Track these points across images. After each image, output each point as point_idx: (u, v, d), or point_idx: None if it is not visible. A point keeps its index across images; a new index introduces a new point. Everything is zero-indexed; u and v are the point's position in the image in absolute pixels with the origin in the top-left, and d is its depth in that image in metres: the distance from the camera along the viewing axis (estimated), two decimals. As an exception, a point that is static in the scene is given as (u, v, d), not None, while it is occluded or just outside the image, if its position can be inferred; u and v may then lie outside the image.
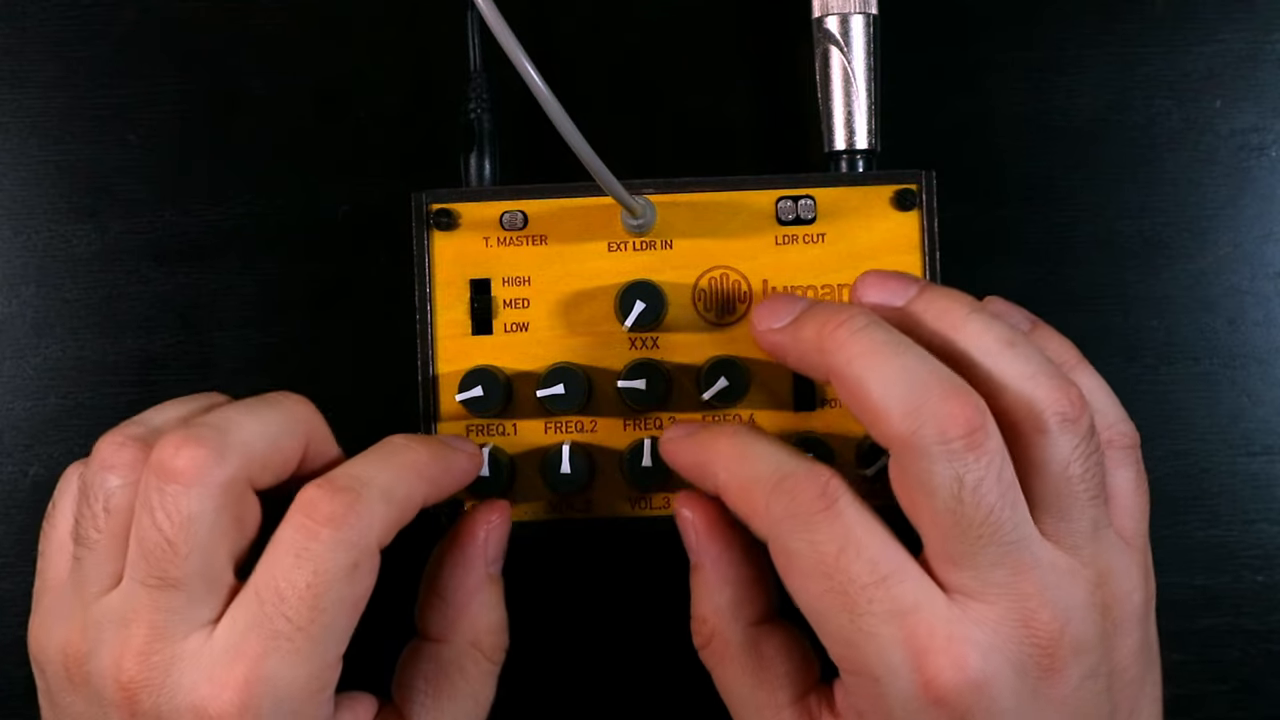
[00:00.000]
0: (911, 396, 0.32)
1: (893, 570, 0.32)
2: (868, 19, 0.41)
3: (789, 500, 0.32)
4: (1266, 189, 0.43)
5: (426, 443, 0.36)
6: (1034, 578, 0.32)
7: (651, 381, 0.39)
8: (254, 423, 0.34)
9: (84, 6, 0.44)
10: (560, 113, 0.35)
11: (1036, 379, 0.33)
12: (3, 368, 0.44)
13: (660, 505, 0.40)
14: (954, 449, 0.31)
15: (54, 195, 0.44)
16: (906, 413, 0.32)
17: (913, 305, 0.35)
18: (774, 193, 0.40)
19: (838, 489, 0.32)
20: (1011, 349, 0.34)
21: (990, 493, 0.31)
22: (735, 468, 0.34)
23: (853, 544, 0.32)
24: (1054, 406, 0.33)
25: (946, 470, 0.31)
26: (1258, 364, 0.43)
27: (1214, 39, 0.43)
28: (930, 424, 0.31)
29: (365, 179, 0.43)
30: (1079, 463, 0.33)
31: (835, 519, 0.32)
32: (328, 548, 0.32)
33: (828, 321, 0.34)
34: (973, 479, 0.31)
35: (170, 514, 0.32)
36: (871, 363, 0.32)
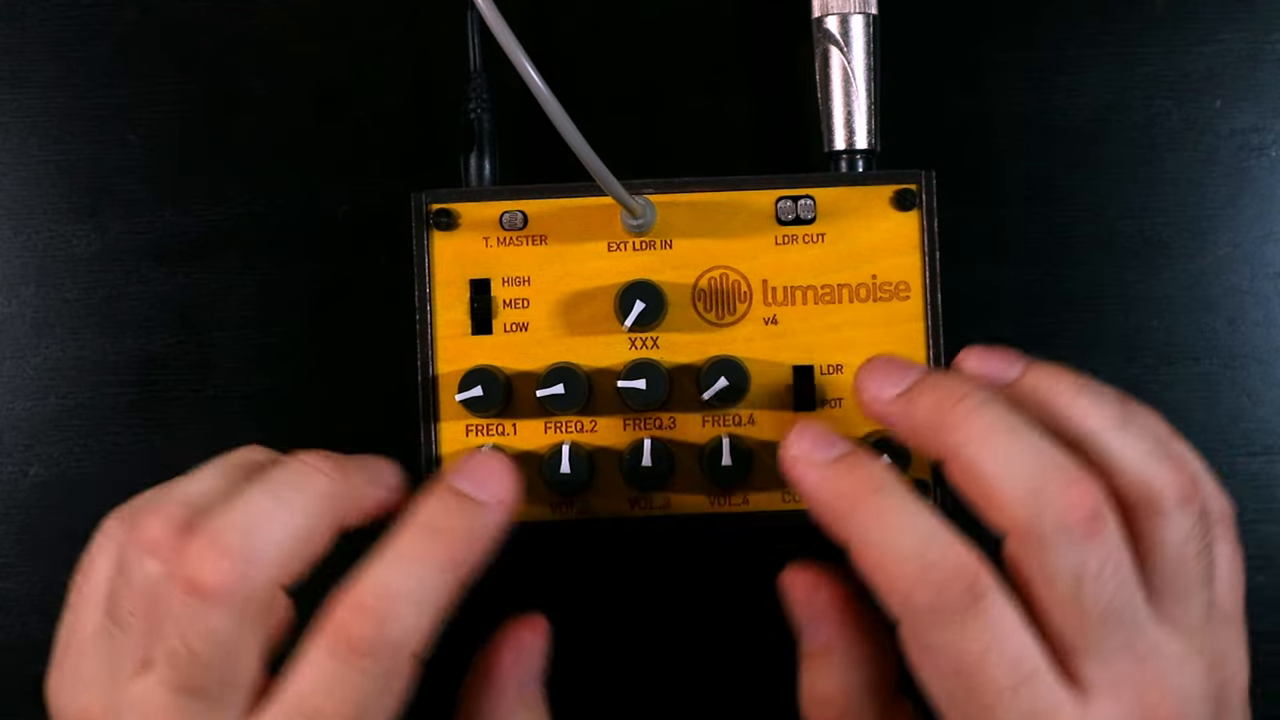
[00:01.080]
0: (1031, 482, 0.31)
1: (1031, 673, 0.31)
2: (868, 19, 0.41)
3: (935, 593, 0.31)
4: (1266, 189, 0.43)
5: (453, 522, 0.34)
6: (1154, 667, 0.31)
7: (651, 381, 0.39)
8: (283, 517, 0.32)
9: (84, 6, 0.44)
10: (560, 113, 0.35)
11: (1151, 459, 0.32)
12: (3, 368, 0.44)
13: (660, 505, 0.40)
14: (1074, 537, 0.30)
15: (54, 195, 0.44)
16: (1026, 499, 0.31)
17: (1019, 382, 0.34)
18: (774, 193, 0.40)
19: (985, 583, 0.31)
20: (1123, 428, 0.33)
21: (1110, 581, 0.31)
22: (877, 535, 0.32)
23: (995, 645, 0.31)
24: (1170, 488, 0.32)
25: (1068, 558, 0.31)
26: (1258, 364, 0.43)
27: (1214, 39, 0.43)
28: (1050, 510, 0.31)
29: (365, 179, 0.43)
30: (1194, 544, 0.32)
31: (980, 616, 0.31)
32: (365, 675, 0.31)
33: (945, 398, 0.32)
34: (1094, 567, 0.31)
35: (195, 627, 0.31)
36: (990, 444, 0.31)
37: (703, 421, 0.40)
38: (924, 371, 0.34)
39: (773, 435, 0.40)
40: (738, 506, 0.40)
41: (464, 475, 0.34)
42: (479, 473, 0.34)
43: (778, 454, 0.34)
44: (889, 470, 0.33)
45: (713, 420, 0.40)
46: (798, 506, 0.40)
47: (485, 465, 0.34)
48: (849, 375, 0.40)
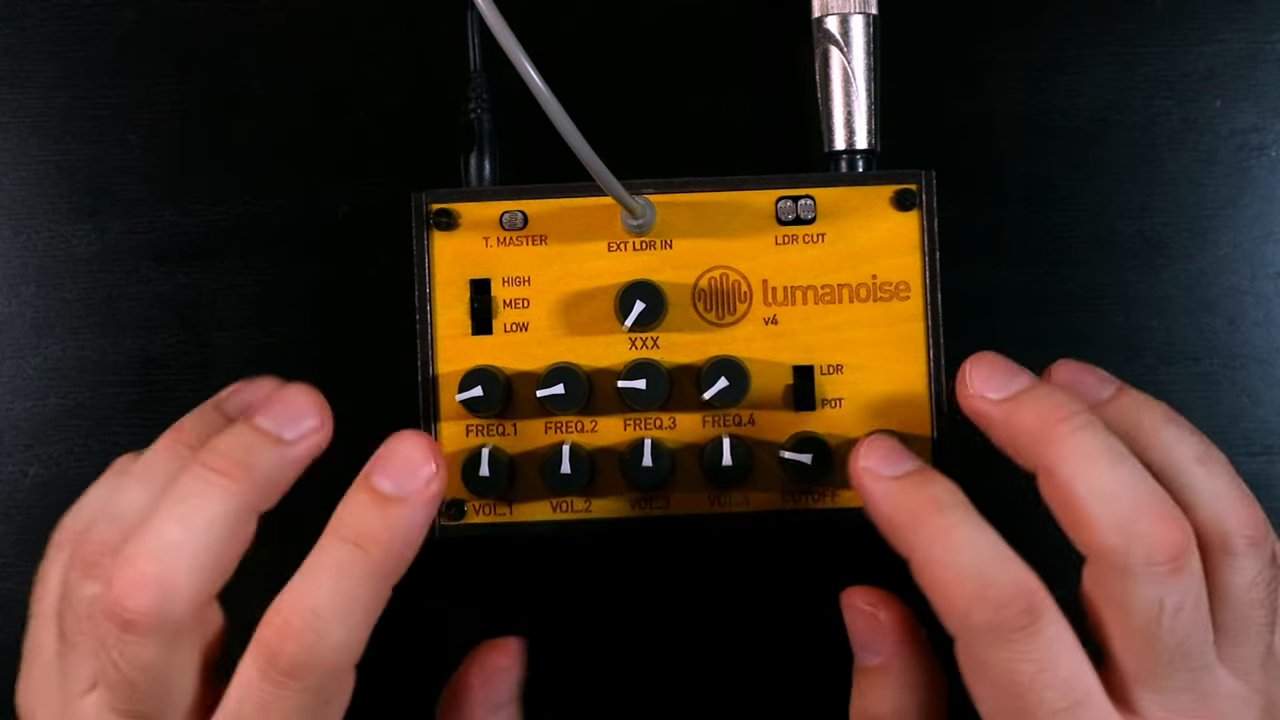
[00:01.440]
0: (1124, 512, 0.31)
1: (1084, 697, 0.31)
2: (868, 19, 0.41)
3: (992, 612, 0.31)
4: (1266, 189, 0.43)
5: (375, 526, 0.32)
6: (1213, 706, 0.32)
7: (651, 381, 0.39)
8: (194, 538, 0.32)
9: (84, 6, 0.44)
10: (560, 113, 0.35)
11: (1227, 499, 0.33)
12: (3, 368, 0.44)
13: (660, 505, 0.40)
14: (1159, 572, 0.31)
15: (54, 195, 0.44)
16: (1117, 528, 0.31)
17: (1109, 405, 0.35)
18: (774, 193, 0.40)
19: (1043, 604, 0.31)
20: (1204, 466, 0.33)
21: (1188, 620, 0.31)
22: (939, 552, 0.32)
23: (1050, 667, 0.31)
24: (1243, 530, 0.32)
25: (1150, 593, 0.31)
26: (1258, 364, 0.43)
27: (1214, 39, 0.43)
28: (1140, 544, 0.31)
29: (365, 179, 0.43)
30: (1261, 588, 0.33)
31: (1036, 637, 0.31)
32: (297, 695, 0.31)
33: (1050, 414, 0.33)
34: (1173, 604, 0.31)
35: (128, 657, 0.31)
36: (1088, 468, 0.32)
37: (703, 421, 0.40)
38: (1032, 380, 0.34)
39: (773, 435, 0.40)
40: (738, 506, 0.40)
41: (382, 471, 0.33)
42: (396, 466, 0.33)
43: (848, 463, 0.35)
44: (954, 490, 0.33)
45: (713, 420, 0.40)
46: (798, 506, 0.40)
47: (402, 456, 0.33)
48: (849, 375, 0.40)
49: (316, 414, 0.34)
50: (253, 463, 0.33)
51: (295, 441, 0.33)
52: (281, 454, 0.33)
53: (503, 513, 0.40)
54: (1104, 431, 0.33)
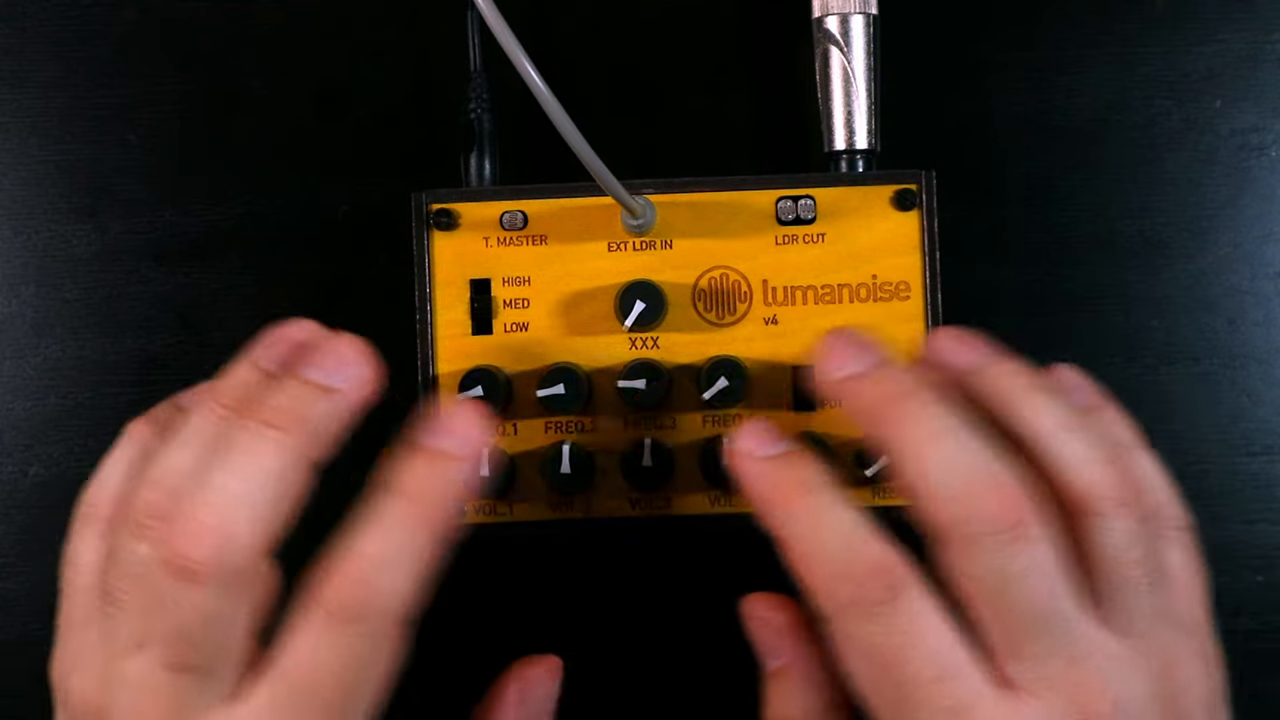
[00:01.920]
0: (958, 486, 0.31)
1: (951, 667, 0.31)
2: (868, 19, 0.41)
3: (854, 587, 0.32)
4: (1266, 189, 0.43)
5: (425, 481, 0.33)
6: (1091, 668, 0.31)
7: (651, 381, 0.39)
8: (252, 490, 0.32)
9: (84, 6, 0.44)
10: (560, 113, 0.35)
11: (1091, 463, 0.33)
12: (3, 368, 0.44)
13: (660, 505, 0.40)
14: (998, 541, 0.31)
15: (54, 195, 0.44)
16: (950, 501, 0.31)
17: (979, 375, 0.35)
18: (774, 193, 0.40)
19: (904, 579, 0.32)
20: (1068, 431, 0.33)
21: (1037, 585, 0.31)
22: (803, 531, 0.33)
23: (914, 638, 0.31)
24: (1106, 490, 0.32)
25: (992, 562, 0.31)
26: (1258, 364, 0.43)
27: (1214, 39, 0.43)
28: (974, 515, 0.31)
29: (365, 179, 0.43)
30: (1136, 547, 0.32)
31: (900, 612, 0.31)
32: (354, 641, 0.32)
33: (890, 392, 0.33)
34: (1018, 571, 0.31)
35: (185, 607, 0.32)
36: (924, 444, 0.32)
37: (703, 421, 0.40)
38: (878, 358, 0.34)
39: (773, 435, 0.40)
40: (737, 506, 0.40)
41: (435, 431, 0.34)
42: (449, 427, 0.34)
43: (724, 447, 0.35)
44: (822, 471, 0.34)
45: (713, 420, 0.40)
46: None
47: (456, 419, 0.34)
48: (849, 375, 0.40)
49: (365, 362, 0.35)
50: (306, 415, 0.33)
51: (346, 391, 0.34)
52: (333, 404, 0.34)
53: (503, 513, 0.40)
54: (941, 407, 0.33)
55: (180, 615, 0.32)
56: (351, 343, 0.35)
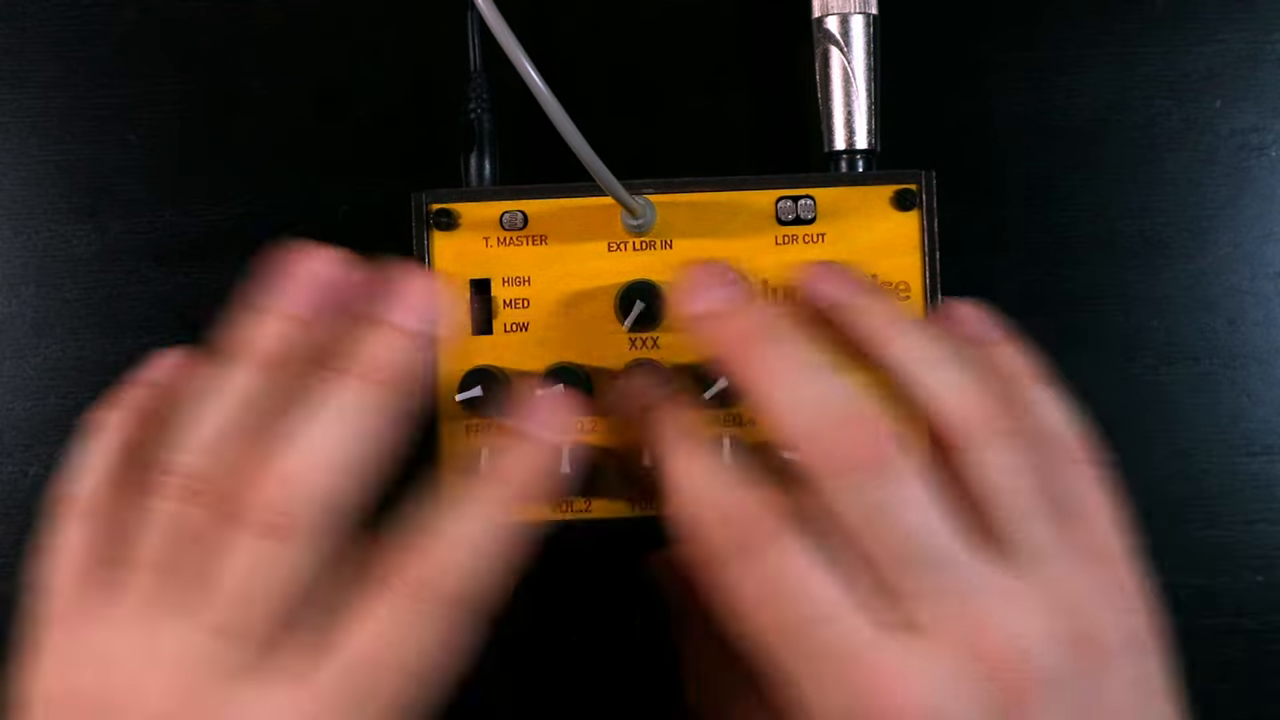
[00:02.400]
0: (812, 424, 0.31)
1: (834, 608, 0.30)
2: (868, 19, 0.41)
3: (734, 530, 0.31)
4: (1266, 189, 0.43)
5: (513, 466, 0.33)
6: (983, 606, 0.30)
7: (651, 381, 0.39)
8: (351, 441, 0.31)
9: (84, 6, 0.44)
10: (560, 113, 0.35)
11: (966, 392, 0.32)
12: (3, 368, 0.44)
13: (660, 505, 0.40)
14: (861, 477, 0.30)
15: (54, 195, 0.44)
16: (807, 439, 0.31)
17: (854, 307, 0.34)
18: (774, 193, 0.40)
19: (781, 520, 0.31)
20: (942, 363, 0.33)
21: (911, 518, 0.30)
22: (683, 479, 0.33)
23: (794, 579, 0.30)
24: (983, 419, 0.32)
25: (857, 498, 0.30)
26: (1258, 364, 0.43)
27: (1214, 39, 0.43)
28: (831, 452, 0.31)
29: (365, 179, 0.43)
30: (1023, 478, 0.31)
31: (780, 554, 0.31)
32: (420, 620, 0.31)
33: (751, 329, 0.33)
34: (886, 504, 0.30)
35: (268, 568, 0.30)
36: (780, 382, 0.32)
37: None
38: (734, 295, 0.34)
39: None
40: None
41: (528, 417, 0.34)
42: (542, 413, 0.34)
43: None
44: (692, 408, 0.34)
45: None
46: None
47: (546, 405, 0.34)
48: (849, 375, 0.40)
49: (440, 299, 0.34)
50: (397, 363, 0.32)
51: (428, 334, 0.34)
52: (418, 350, 0.33)
53: (503, 513, 0.40)
54: (799, 345, 0.32)
55: (236, 573, 0.30)
56: (425, 280, 0.34)
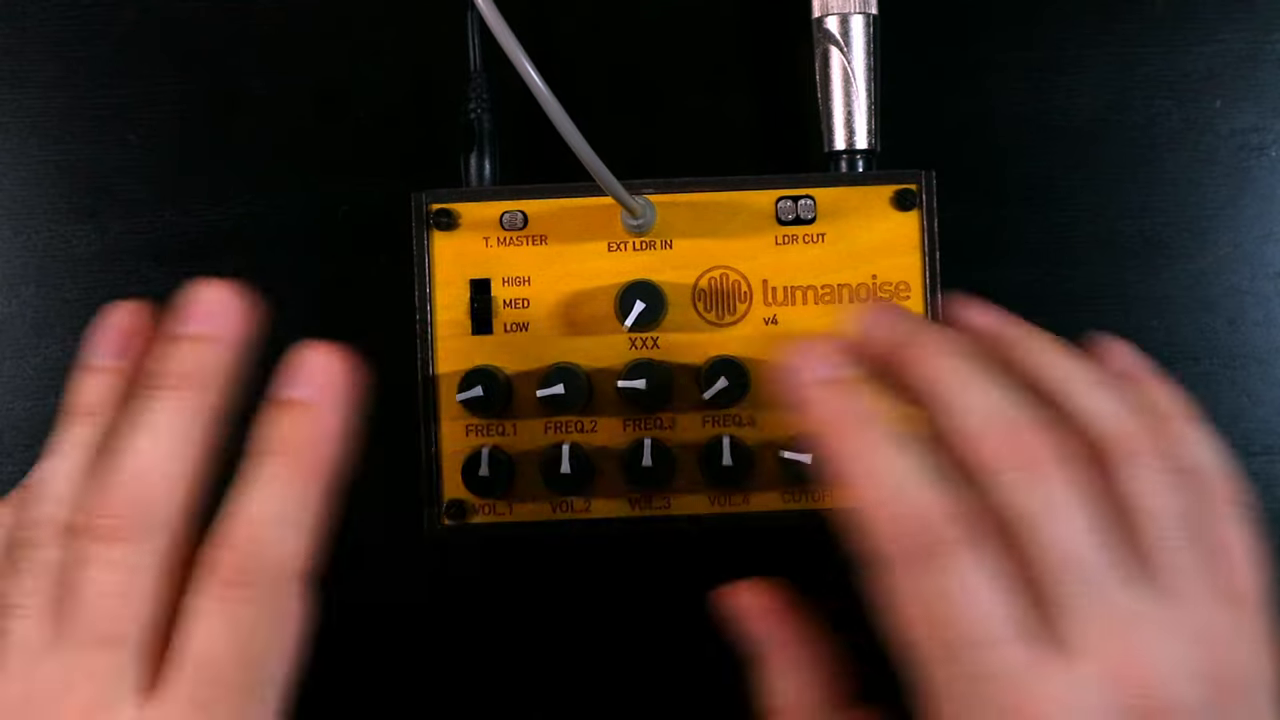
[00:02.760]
0: (986, 422, 0.31)
1: (996, 631, 0.30)
2: (868, 19, 0.41)
3: (909, 538, 0.31)
4: (1266, 189, 0.43)
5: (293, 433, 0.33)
6: (1130, 631, 0.30)
7: (651, 381, 0.39)
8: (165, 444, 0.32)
9: (84, 6, 0.44)
10: (560, 113, 0.35)
11: (1123, 416, 0.32)
12: (3, 368, 0.44)
13: (660, 506, 0.40)
14: (1018, 478, 0.31)
15: (54, 195, 0.44)
16: (981, 435, 0.31)
17: (1010, 338, 0.35)
18: (774, 193, 0.40)
19: (960, 530, 0.30)
20: (1101, 387, 0.33)
21: (1065, 527, 0.30)
22: (859, 475, 0.32)
23: (968, 597, 0.30)
24: (1137, 439, 0.32)
25: (1014, 498, 0.30)
26: (1258, 364, 0.43)
27: (1214, 39, 0.43)
28: (996, 451, 0.31)
29: (365, 179, 0.43)
30: (1173, 501, 0.31)
31: (954, 566, 0.30)
32: (244, 605, 0.31)
33: (918, 336, 0.33)
34: (1041, 508, 0.30)
35: (112, 570, 0.31)
36: (956, 387, 0.32)
37: (703, 421, 0.40)
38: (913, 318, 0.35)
39: (773, 435, 0.40)
40: (738, 506, 0.40)
41: (292, 382, 0.34)
42: (305, 375, 0.34)
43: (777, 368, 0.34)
44: (880, 406, 0.32)
45: (713, 420, 0.40)
46: (798, 506, 0.40)
47: (310, 365, 0.34)
48: (849, 375, 0.40)
49: (230, 298, 0.35)
50: (190, 368, 0.34)
51: (220, 333, 0.34)
52: (213, 350, 0.34)
53: (503, 513, 0.40)
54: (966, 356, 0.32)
55: (99, 580, 0.31)
56: (211, 288, 0.35)
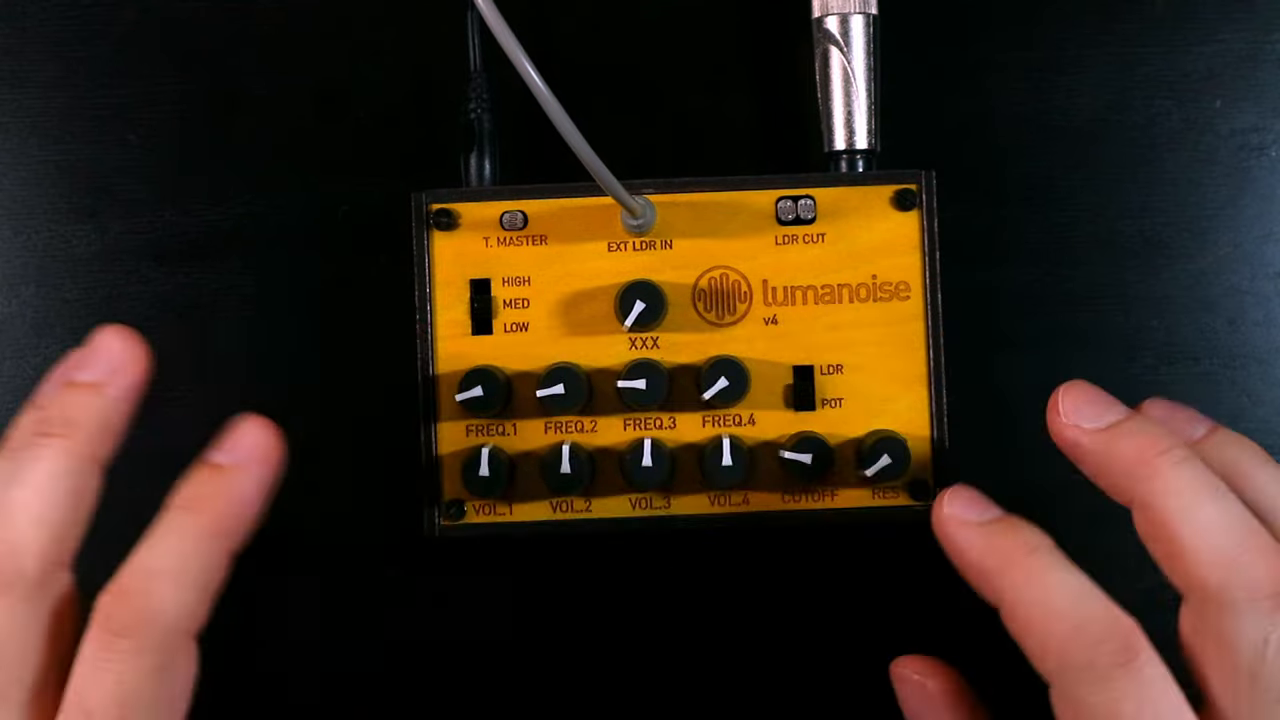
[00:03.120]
0: (1226, 547, 0.31)
1: None
2: (868, 19, 0.41)
3: (1089, 650, 0.31)
4: (1266, 189, 0.43)
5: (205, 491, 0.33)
6: None
7: (651, 381, 0.39)
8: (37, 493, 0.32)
9: (84, 6, 0.44)
10: (560, 113, 0.35)
11: None
12: (3, 368, 0.44)
13: (660, 506, 0.40)
14: (1264, 608, 0.31)
15: (54, 195, 0.44)
16: (1218, 563, 0.31)
17: (1204, 443, 0.35)
18: (774, 193, 0.40)
19: (1140, 643, 0.31)
20: None
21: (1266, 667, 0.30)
22: (1030, 594, 0.32)
23: (1150, 705, 0.30)
24: None
25: (1253, 629, 0.31)
26: (1258, 364, 0.43)
27: (1214, 39, 0.43)
28: (1242, 578, 0.31)
29: (365, 179, 0.43)
30: None
31: (1135, 676, 0.30)
32: (129, 657, 0.31)
33: (1149, 446, 0.33)
34: (1277, 640, 0.30)
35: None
36: (1188, 502, 0.32)
37: (703, 421, 0.40)
38: (1128, 412, 0.34)
39: (773, 435, 0.40)
40: (738, 506, 0.40)
41: (215, 447, 0.34)
42: (232, 442, 0.34)
43: (931, 513, 0.35)
44: (1042, 534, 0.33)
45: (713, 420, 0.40)
46: (798, 507, 0.40)
47: (241, 434, 0.35)
48: (849, 375, 0.40)
49: (123, 349, 0.35)
50: (77, 416, 0.34)
51: (109, 382, 0.35)
52: (102, 398, 0.34)
53: (503, 513, 0.40)
54: (1203, 466, 0.32)
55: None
56: (107, 334, 0.35)
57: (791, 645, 0.43)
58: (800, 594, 0.43)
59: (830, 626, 0.43)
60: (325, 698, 0.43)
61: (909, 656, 0.37)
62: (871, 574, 0.43)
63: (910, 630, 0.42)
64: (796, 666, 0.43)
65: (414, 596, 0.43)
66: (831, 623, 0.43)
